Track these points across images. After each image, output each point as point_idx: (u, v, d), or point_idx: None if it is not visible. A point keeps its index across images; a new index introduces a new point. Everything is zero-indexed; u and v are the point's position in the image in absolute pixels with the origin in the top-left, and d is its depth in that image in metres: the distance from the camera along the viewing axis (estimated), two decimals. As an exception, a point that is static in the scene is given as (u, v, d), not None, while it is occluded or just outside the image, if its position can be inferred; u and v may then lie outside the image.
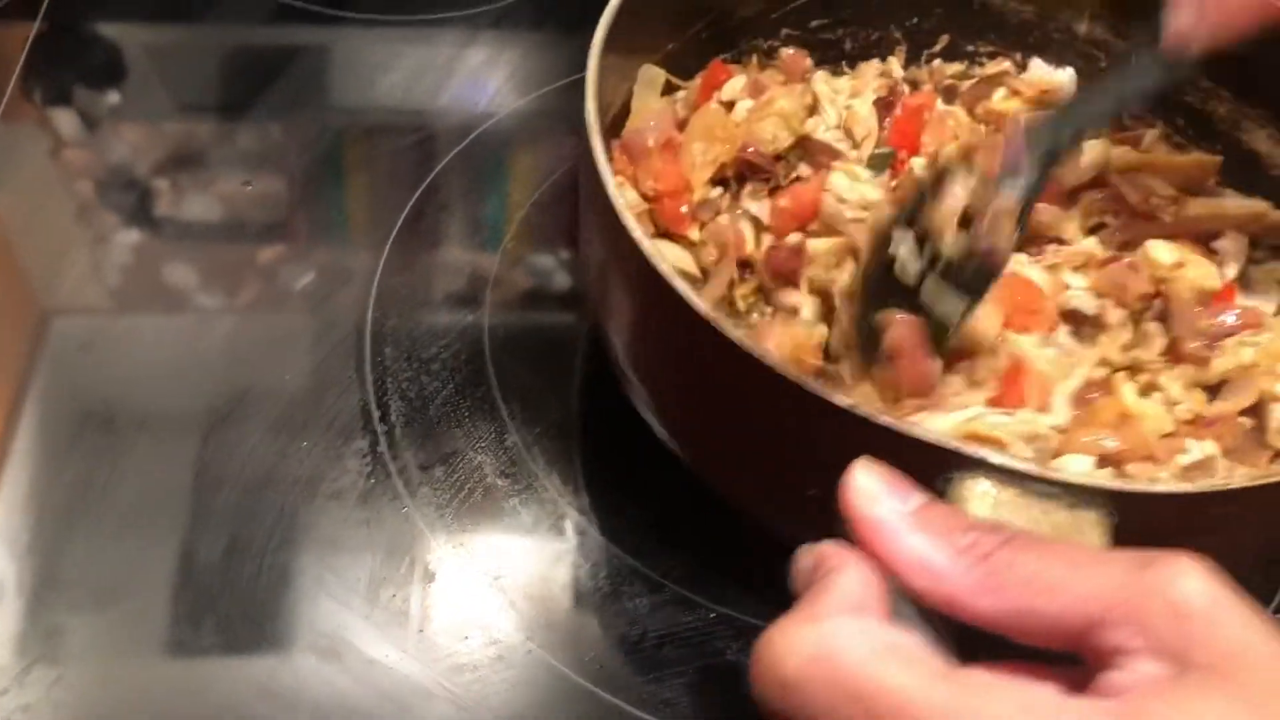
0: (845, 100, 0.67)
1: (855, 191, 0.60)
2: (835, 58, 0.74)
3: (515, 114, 0.79)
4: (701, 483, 0.52)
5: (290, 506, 0.57)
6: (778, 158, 0.63)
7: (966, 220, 0.49)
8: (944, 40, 0.74)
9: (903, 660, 0.31)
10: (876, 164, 0.63)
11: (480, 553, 0.56)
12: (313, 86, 0.81)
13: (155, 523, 0.57)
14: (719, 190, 0.62)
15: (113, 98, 0.80)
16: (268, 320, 0.67)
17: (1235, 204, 0.60)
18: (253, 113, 0.78)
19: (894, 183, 0.62)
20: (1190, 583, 0.31)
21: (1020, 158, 0.49)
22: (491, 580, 0.55)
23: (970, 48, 0.74)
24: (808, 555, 0.37)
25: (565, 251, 0.71)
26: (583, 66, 0.77)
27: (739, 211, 0.61)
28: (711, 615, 0.55)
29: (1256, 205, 0.60)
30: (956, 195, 0.49)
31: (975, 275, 0.48)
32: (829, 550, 0.36)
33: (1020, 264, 0.56)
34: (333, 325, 0.65)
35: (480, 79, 0.82)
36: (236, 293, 0.68)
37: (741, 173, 0.62)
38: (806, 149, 0.63)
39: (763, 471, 0.49)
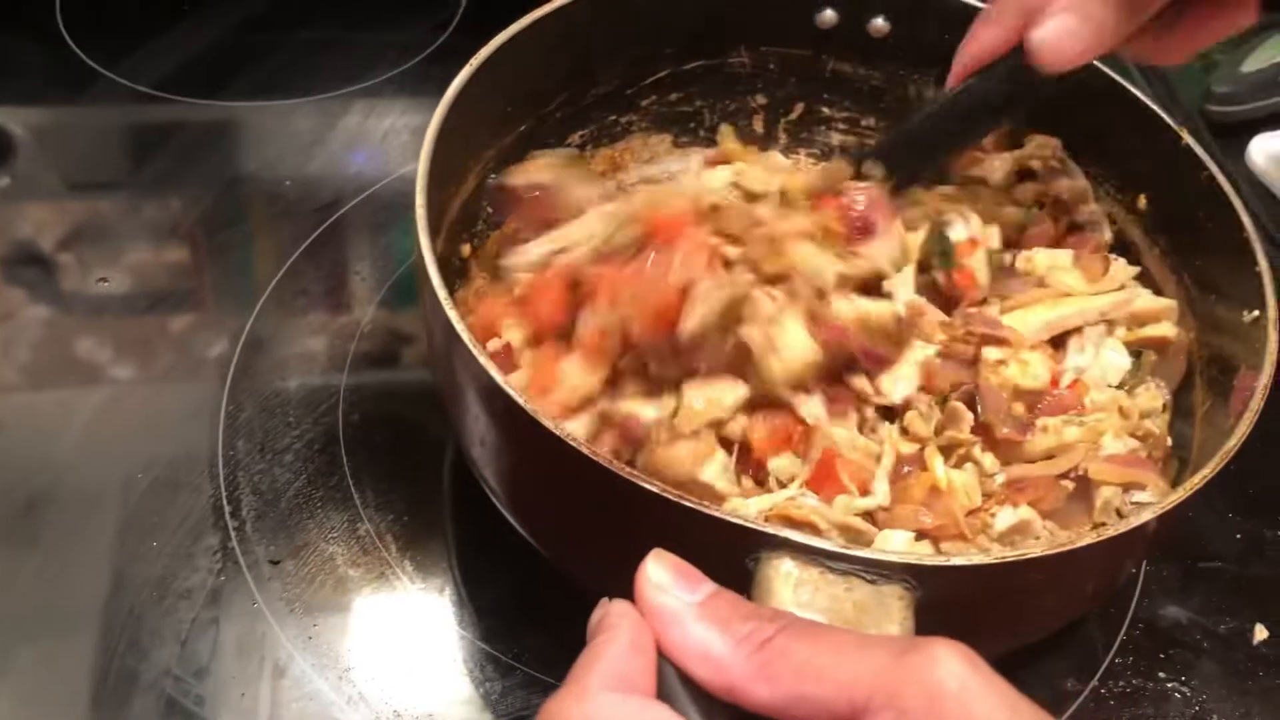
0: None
1: None
2: (695, 129, 0.77)
3: (378, 192, 0.80)
4: (548, 560, 0.54)
5: (139, 608, 0.57)
6: None
7: None
8: (799, 108, 0.78)
9: None
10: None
11: (331, 645, 0.57)
12: (182, 163, 0.83)
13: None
14: None
15: (2, 180, 0.81)
16: (113, 415, 0.67)
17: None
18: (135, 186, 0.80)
19: None
20: (945, 668, 0.33)
21: None
22: (342, 673, 0.56)
23: (826, 112, 0.78)
24: (599, 609, 0.38)
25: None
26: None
27: None
28: (565, 696, 0.56)
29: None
30: None
31: None
32: (613, 609, 0.38)
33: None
34: (183, 423, 0.66)
35: (343, 157, 0.84)
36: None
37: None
38: None
39: (595, 549, 0.51)
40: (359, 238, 0.77)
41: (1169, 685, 0.59)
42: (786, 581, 0.42)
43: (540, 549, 0.54)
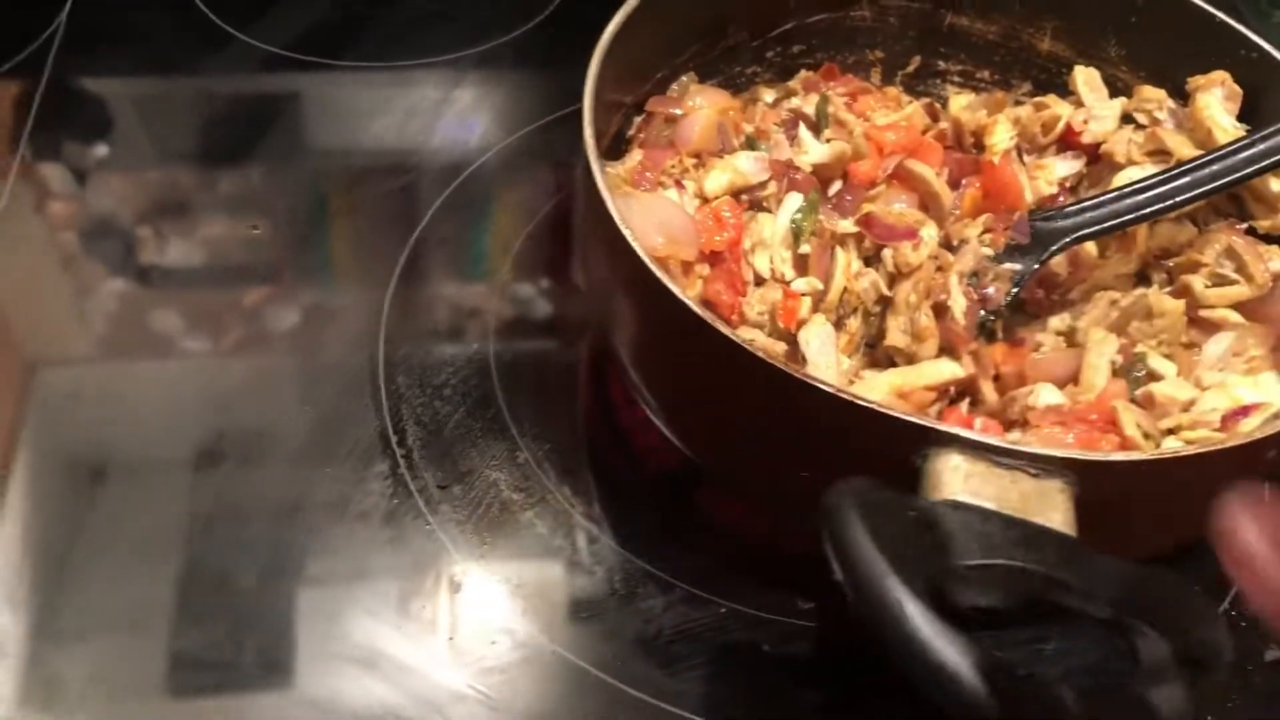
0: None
1: None
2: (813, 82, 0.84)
3: (501, 152, 0.88)
4: (705, 479, 0.60)
5: (319, 528, 0.65)
6: None
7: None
8: (916, 61, 0.84)
9: None
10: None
11: (501, 563, 0.64)
12: (299, 134, 0.90)
13: (166, 563, 0.64)
14: None
15: (100, 151, 0.88)
16: (274, 361, 0.75)
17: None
18: (241, 160, 0.87)
19: None
20: None
21: (1023, 239, 0.67)
22: (513, 588, 0.63)
23: (941, 65, 0.84)
24: None
25: (559, 281, 0.79)
26: (560, 105, 0.87)
27: None
28: (721, 610, 0.63)
29: None
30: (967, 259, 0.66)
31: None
32: None
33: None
34: (344, 361, 0.74)
35: (465, 120, 0.91)
36: (228, 335, 0.76)
37: None
38: None
39: (759, 456, 0.58)
40: (494, 191, 0.84)
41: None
42: (956, 473, 0.48)
43: (698, 458, 0.61)
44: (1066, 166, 0.77)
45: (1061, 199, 0.75)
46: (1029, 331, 0.70)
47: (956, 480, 0.48)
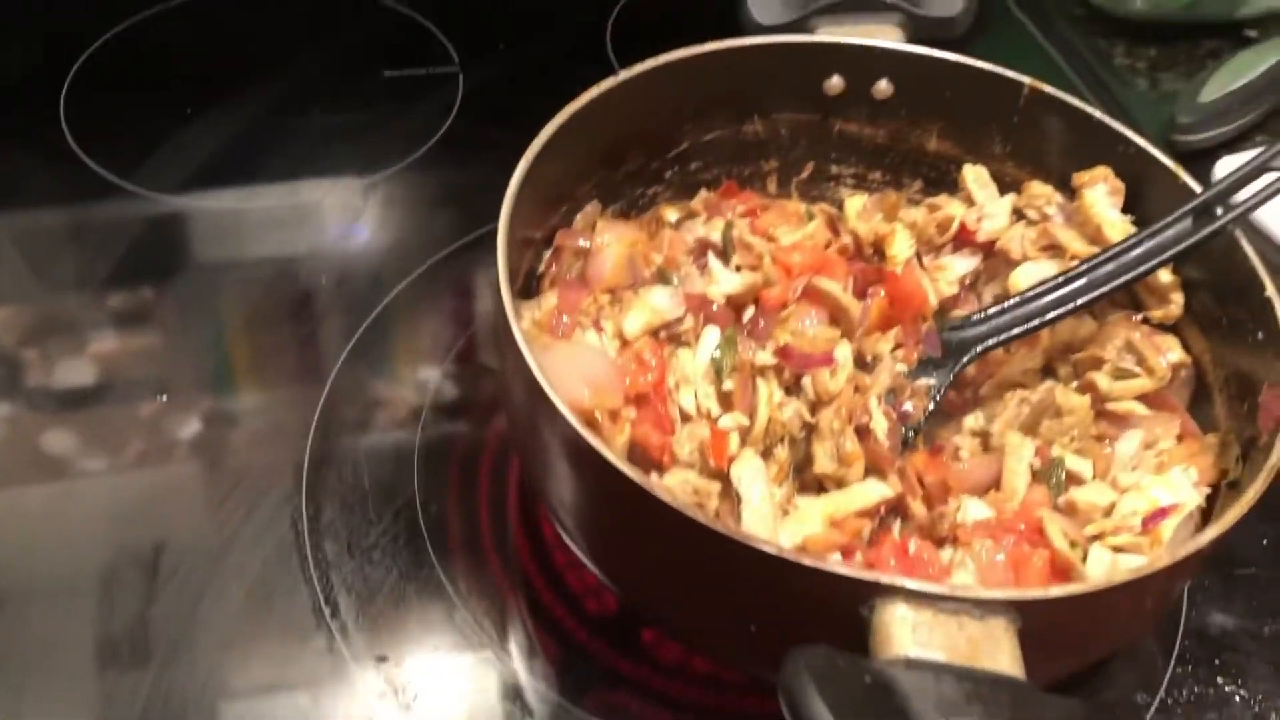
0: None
1: None
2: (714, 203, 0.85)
3: (408, 289, 0.87)
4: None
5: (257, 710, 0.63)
6: None
7: None
8: (809, 168, 0.86)
9: None
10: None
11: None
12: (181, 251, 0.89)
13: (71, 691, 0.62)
14: None
15: None
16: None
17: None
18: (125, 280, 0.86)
19: None
20: None
21: (935, 353, 0.70)
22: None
23: (834, 169, 0.87)
24: None
25: (481, 424, 0.79)
26: (462, 230, 0.87)
27: None
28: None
29: None
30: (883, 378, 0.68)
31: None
32: None
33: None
34: (266, 533, 0.72)
35: (367, 252, 0.91)
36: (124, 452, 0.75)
37: None
38: None
39: (704, 611, 0.58)
40: (404, 327, 0.84)
41: (1227, 690, 0.67)
42: (904, 625, 0.49)
43: (642, 612, 0.61)
44: (964, 264, 0.79)
45: (962, 296, 0.78)
46: (945, 433, 0.72)
47: (905, 632, 0.49)
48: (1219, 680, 0.68)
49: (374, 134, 1.00)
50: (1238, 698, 0.67)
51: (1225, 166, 1.00)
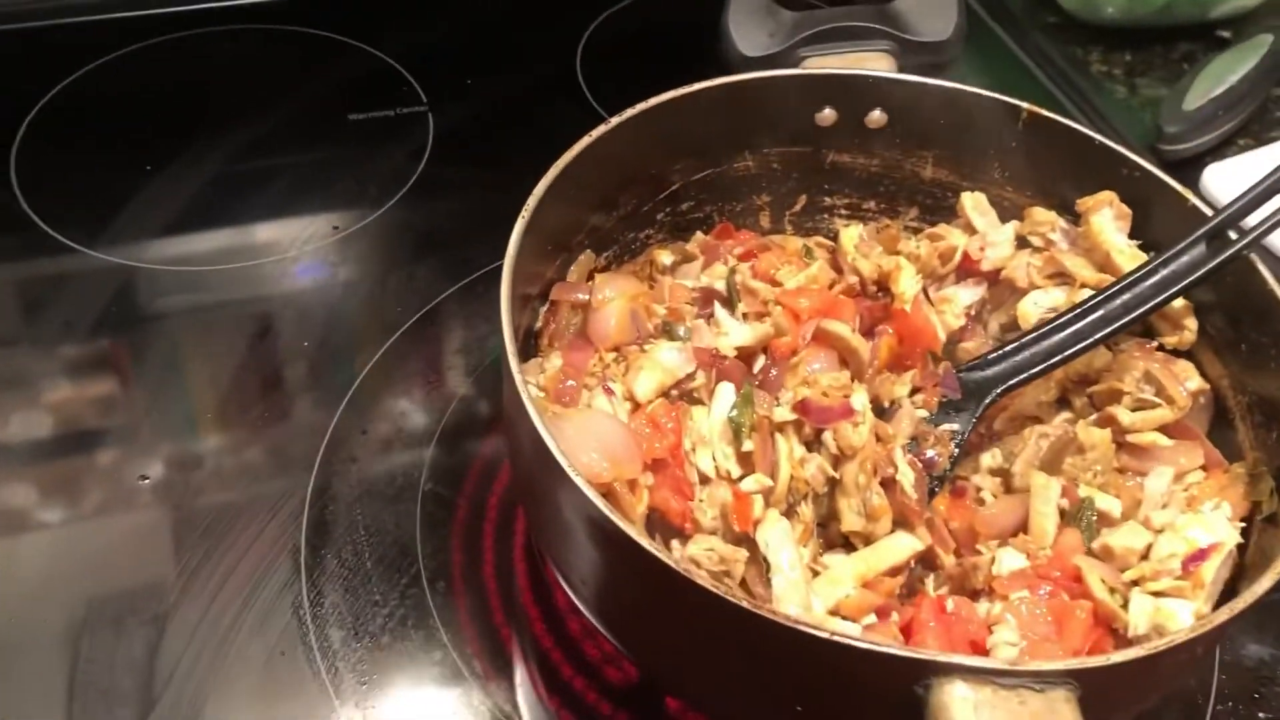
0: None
1: None
2: (706, 230, 0.83)
3: (391, 349, 0.84)
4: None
5: None
6: None
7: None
8: (802, 200, 0.84)
9: None
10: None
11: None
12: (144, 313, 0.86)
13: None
14: None
15: None
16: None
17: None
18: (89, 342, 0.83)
19: None
20: None
21: (955, 394, 0.68)
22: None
23: (827, 200, 0.85)
24: None
25: (480, 489, 0.76)
26: (448, 282, 0.84)
27: None
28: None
29: None
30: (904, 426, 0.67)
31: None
32: None
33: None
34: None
35: (347, 312, 0.88)
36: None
37: None
38: None
39: (744, 695, 0.55)
40: (388, 397, 0.81)
41: (1272, 725, 0.66)
42: (965, 705, 0.47)
43: (674, 695, 0.59)
44: (969, 294, 0.78)
45: (969, 327, 0.76)
46: (962, 470, 0.70)
47: (967, 712, 0.47)
48: (1261, 715, 0.67)
49: (344, 180, 0.97)
50: (1282, 732, 0.66)
51: (1213, 175, 1.00)
